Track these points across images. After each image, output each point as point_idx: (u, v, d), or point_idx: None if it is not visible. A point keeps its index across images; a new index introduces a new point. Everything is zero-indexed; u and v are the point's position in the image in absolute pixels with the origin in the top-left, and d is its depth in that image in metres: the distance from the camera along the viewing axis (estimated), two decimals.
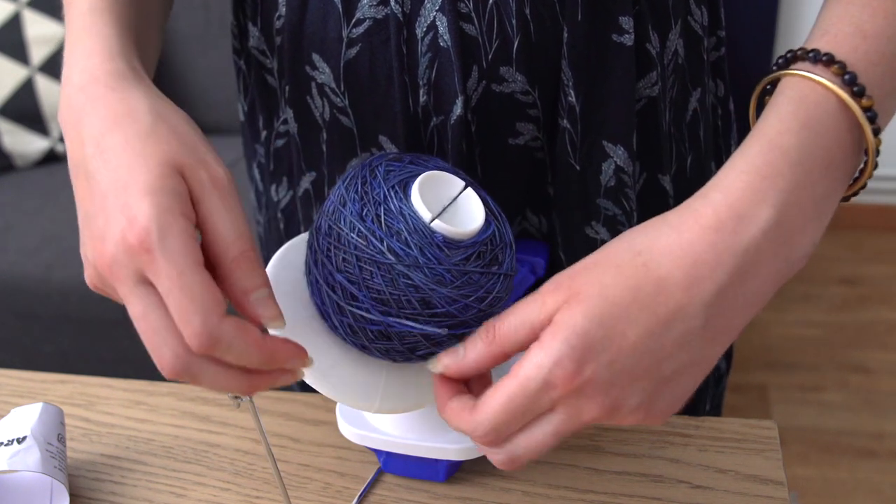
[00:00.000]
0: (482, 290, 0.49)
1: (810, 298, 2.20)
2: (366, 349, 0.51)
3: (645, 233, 0.43)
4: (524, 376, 0.43)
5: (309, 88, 0.62)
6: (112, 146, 0.45)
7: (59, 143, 1.93)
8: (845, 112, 0.44)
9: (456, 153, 0.60)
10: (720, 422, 0.62)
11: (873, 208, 2.45)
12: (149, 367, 0.67)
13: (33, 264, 1.61)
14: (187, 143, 0.46)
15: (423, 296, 0.47)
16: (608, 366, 0.42)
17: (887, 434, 1.78)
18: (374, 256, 0.47)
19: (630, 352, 0.42)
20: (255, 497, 0.60)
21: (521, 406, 0.43)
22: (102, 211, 0.44)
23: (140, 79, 0.49)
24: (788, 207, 0.43)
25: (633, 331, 0.41)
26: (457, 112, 0.58)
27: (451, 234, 0.48)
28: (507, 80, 0.58)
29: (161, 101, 0.48)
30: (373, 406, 0.52)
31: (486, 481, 0.59)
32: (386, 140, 0.61)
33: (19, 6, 1.87)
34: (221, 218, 0.44)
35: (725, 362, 0.81)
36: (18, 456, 0.56)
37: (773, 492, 0.56)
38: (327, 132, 0.63)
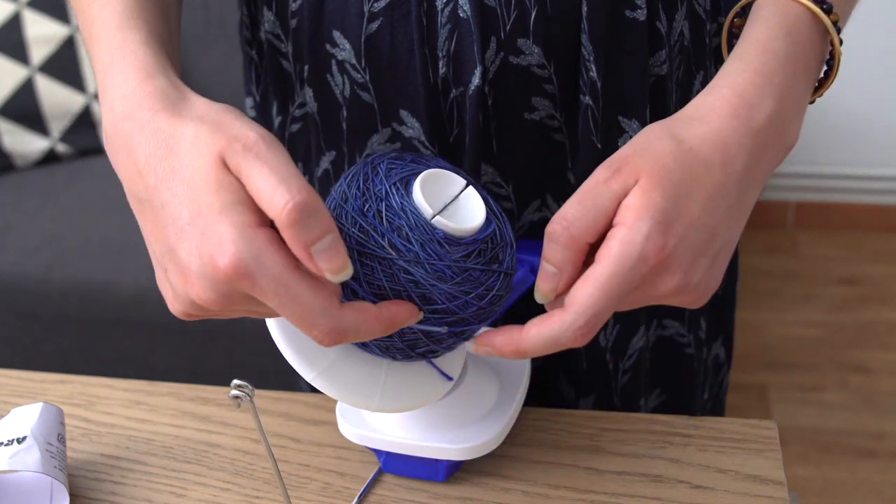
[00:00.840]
0: (482, 287, 0.49)
1: (810, 298, 2.20)
2: (366, 347, 0.51)
3: (677, 126, 0.48)
4: (619, 255, 0.45)
5: (329, 66, 0.62)
6: (170, 173, 0.45)
7: (58, 143, 1.93)
8: (818, 25, 0.51)
9: (473, 125, 0.61)
10: (720, 422, 0.62)
11: (873, 208, 2.45)
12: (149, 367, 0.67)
13: (33, 264, 1.61)
14: (220, 128, 0.45)
15: (423, 291, 0.47)
16: (683, 240, 0.46)
17: (887, 434, 1.78)
18: (374, 251, 0.47)
19: (696, 227, 0.46)
20: (255, 497, 0.60)
21: (621, 285, 0.45)
22: (182, 242, 0.44)
23: (178, 91, 0.49)
24: (784, 100, 0.49)
25: (695, 207, 0.46)
26: (475, 83, 0.59)
27: (452, 230, 0.48)
28: (524, 52, 0.59)
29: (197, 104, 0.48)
30: (372, 404, 0.52)
31: (486, 481, 0.59)
32: (407, 114, 0.62)
33: (19, 6, 1.87)
34: (257, 180, 0.43)
35: (725, 352, 0.81)
36: (18, 456, 0.56)
37: (773, 492, 0.56)
38: (347, 109, 0.63)
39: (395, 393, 0.52)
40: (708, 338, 0.79)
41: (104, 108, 0.51)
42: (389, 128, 0.63)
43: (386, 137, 0.64)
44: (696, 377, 0.77)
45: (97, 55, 0.53)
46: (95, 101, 1.91)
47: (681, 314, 0.74)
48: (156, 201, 0.46)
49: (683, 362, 0.76)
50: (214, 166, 0.44)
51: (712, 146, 0.47)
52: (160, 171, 0.46)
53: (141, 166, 0.47)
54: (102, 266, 1.57)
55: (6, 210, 1.77)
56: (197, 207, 0.44)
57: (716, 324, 0.79)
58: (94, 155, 1.96)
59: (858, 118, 2.35)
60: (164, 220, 0.46)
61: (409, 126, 0.62)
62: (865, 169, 2.41)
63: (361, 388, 0.52)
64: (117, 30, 0.52)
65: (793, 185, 2.46)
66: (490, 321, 0.52)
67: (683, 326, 0.74)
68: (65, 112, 1.91)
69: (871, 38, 2.24)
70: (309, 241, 0.42)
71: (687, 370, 0.76)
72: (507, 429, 0.59)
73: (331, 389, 0.51)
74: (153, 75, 0.49)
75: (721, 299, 0.78)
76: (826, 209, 2.47)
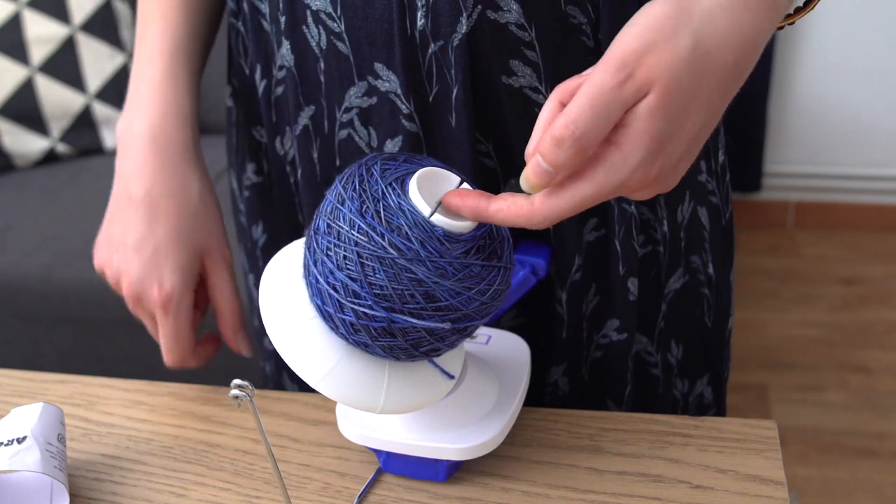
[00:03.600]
0: (484, 282, 0.49)
1: (810, 298, 2.20)
2: (368, 347, 0.51)
3: (699, 14, 0.45)
4: (602, 181, 0.45)
5: (304, 17, 0.61)
6: (164, 213, 0.64)
7: (58, 143, 1.93)
8: None
9: (460, 80, 0.59)
10: (720, 422, 0.62)
11: (873, 208, 2.45)
12: (149, 367, 0.67)
13: (33, 264, 1.61)
14: (213, 231, 0.67)
15: (426, 289, 0.47)
16: (671, 155, 0.46)
17: (887, 434, 1.78)
18: (375, 252, 0.47)
19: (686, 139, 0.46)
20: (255, 497, 0.60)
21: (594, 201, 0.46)
22: (139, 253, 0.64)
23: (197, 150, 0.67)
24: None
25: (693, 120, 0.45)
26: (462, 31, 0.57)
27: (451, 227, 0.48)
28: (502, 7, 0.57)
29: (206, 182, 0.67)
30: (377, 406, 0.52)
31: (486, 481, 0.59)
32: (382, 67, 0.60)
33: (19, 6, 1.87)
34: (224, 287, 0.68)
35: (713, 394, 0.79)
36: (18, 456, 0.56)
37: (773, 492, 0.56)
38: (324, 61, 0.62)
39: (399, 394, 0.52)
40: (686, 369, 0.76)
41: (132, 102, 0.67)
42: (365, 81, 0.61)
43: (363, 91, 0.62)
44: (665, 404, 0.74)
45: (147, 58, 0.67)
46: (95, 101, 1.92)
47: (649, 329, 0.72)
48: (141, 214, 0.64)
49: (648, 383, 0.74)
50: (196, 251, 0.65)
51: (730, 48, 0.45)
52: (159, 207, 0.64)
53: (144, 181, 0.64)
54: None
55: (6, 210, 1.77)
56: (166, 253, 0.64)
57: (701, 356, 0.76)
58: (94, 155, 1.96)
59: (858, 118, 2.35)
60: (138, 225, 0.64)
61: (385, 79, 0.61)
62: (865, 169, 2.41)
63: (366, 391, 0.51)
64: (171, 58, 0.67)
65: (793, 185, 2.46)
66: (490, 318, 0.52)
67: (651, 344, 0.72)
68: (65, 112, 1.91)
69: (871, 38, 2.24)
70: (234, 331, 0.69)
71: (651, 392, 0.74)
72: (507, 429, 0.59)
73: (335, 393, 0.51)
74: (186, 124, 0.66)
75: (708, 330, 0.75)
76: (826, 209, 2.47)
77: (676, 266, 0.71)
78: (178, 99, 0.66)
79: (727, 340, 0.77)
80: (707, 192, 0.71)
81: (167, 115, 0.66)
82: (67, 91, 1.90)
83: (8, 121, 1.88)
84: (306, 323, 0.51)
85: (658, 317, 0.72)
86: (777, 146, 2.42)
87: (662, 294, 0.71)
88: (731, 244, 0.76)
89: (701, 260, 0.72)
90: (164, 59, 0.67)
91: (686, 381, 0.76)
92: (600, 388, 0.72)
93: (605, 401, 0.72)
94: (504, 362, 0.63)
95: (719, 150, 0.72)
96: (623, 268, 0.66)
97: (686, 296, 0.72)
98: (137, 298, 0.65)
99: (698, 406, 0.78)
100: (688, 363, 0.76)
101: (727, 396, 0.81)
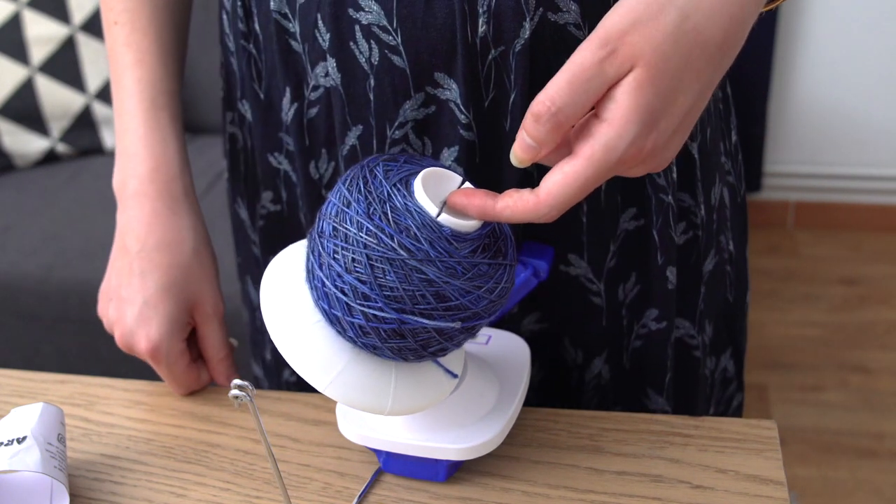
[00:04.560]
0: (492, 280, 0.49)
1: (810, 298, 2.20)
2: (377, 349, 0.51)
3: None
4: (600, 159, 0.44)
5: (353, 33, 0.60)
6: (156, 266, 0.66)
7: (59, 143, 1.93)
8: None
9: (519, 85, 0.58)
10: (720, 422, 0.62)
11: (873, 208, 2.45)
12: (148, 367, 0.67)
13: (33, 264, 1.61)
14: (205, 282, 0.68)
15: (437, 289, 0.48)
16: (664, 131, 0.45)
17: (887, 434, 1.78)
18: (385, 254, 0.47)
19: (678, 115, 0.46)
20: (255, 497, 0.60)
21: (594, 182, 0.45)
22: (131, 306, 0.66)
23: (191, 201, 0.69)
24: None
25: (684, 98, 0.45)
26: (524, 36, 0.57)
27: (459, 226, 0.48)
28: (562, 9, 0.57)
29: (200, 233, 0.69)
30: (384, 408, 0.52)
31: (486, 481, 0.59)
32: (443, 76, 0.60)
33: (19, 6, 1.87)
34: (213, 338, 0.69)
35: (735, 367, 0.80)
36: (18, 456, 0.56)
37: (773, 492, 0.56)
38: (375, 77, 0.61)
39: (405, 395, 0.52)
40: (715, 346, 0.77)
41: (121, 157, 0.68)
42: (423, 92, 0.61)
43: (420, 102, 0.61)
44: (700, 385, 0.76)
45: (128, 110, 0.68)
46: (95, 101, 1.92)
47: (691, 313, 0.73)
48: (136, 267, 0.66)
49: (692, 366, 0.74)
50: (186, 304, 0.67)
51: (717, 24, 0.45)
52: (152, 259, 0.66)
53: (139, 235, 0.67)
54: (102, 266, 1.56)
55: (6, 210, 1.77)
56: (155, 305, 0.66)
57: (725, 331, 0.77)
58: (94, 155, 1.96)
59: (858, 118, 2.35)
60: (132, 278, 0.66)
61: (446, 88, 0.60)
62: (865, 169, 2.41)
63: (373, 394, 0.51)
64: (150, 108, 0.68)
65: (793, 185, 2.46)
66: (496, 317, 0.52)
67: (694, 327, 0.73)
68: (65, 112, 1.91)
69: (870, 38, 2.24)
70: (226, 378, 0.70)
71: (693, 375, 0.75)
72: (507, 429, 0.59)
73: (343, 397, 0.51)
74: (176, 178, 0.68)
75: (730, 305, 0.77)
76: (826, 209, 2.47)
77: (710, 247, 0.72)
78: (165, 150, 0.68)
79: (745, 313, 0.79)
80: (725, 173, 0.73)
81: (157, 170, 0.67)
82: (67, 91, 1.90)
83: (8, 121, 1.88)
84: (311, 327, 0.51)
85: (699, 299, 0.72)
86: (777, 146, 2.42)
87: (701, 276, 0.72)
88: (746, 220, 0.77)
89: (725, 238, 0.73)
90: (145, 109, 0.68)
91: (714, 357, 0.78)
92: (640, 378, 0.73)
93: (646, 389, 0.73)
94: (504, 362, 0.63)
95: (732, 130, 0.74)
96: (662, 257, 0.67)
97: (716, 276, 0.73)
98: (129, 348, 0.67)
99: (722, 381, 0.79)
100: (715, 340, 0.77)
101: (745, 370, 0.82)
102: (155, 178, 0.67)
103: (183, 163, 0.69)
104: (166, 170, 0.67)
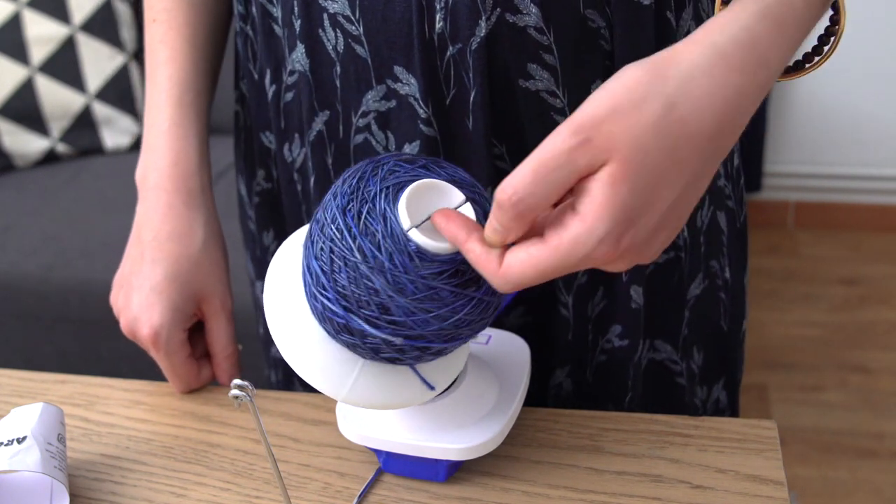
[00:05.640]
0: (447, 308, 0.48)
1: (810, 298, 2.20)
2: (335, 339, 0.51)
3: (670, 81, 0.42)
4: (566, 252, 0.42)
5: (321, 21, 0.61)
6: (166, 255, 0.67)
7: (59, 143, 1.93)
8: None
9: (478, 83, 0.58)
10: (720, 422, 0.62)
11: (873, 208, 2.45)
12: (149, 367, 0.68)
13: (33, 264, 1.61)
14: (214, 277, 0.69)
15: (381, 301, 0.47)
16: (643, 228, 0.42)
17: (887, 434, 1.78)
18: (342, 252, 0.47)
19: (659, 212, 0.42)
20: (255, 497, 0.60)
21: (556, 272, 0.43)
22: (139, 292, 0.67)
23: (206, 197, 0.70)
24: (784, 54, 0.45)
25: (668, 192, 0.42)
26: (480, 34, 0.57)
27: (427, 245, 0.47)
28: (521, 11, 0.57)
29: (213, 229, 0.70)
30: (340, 394, 0.52)
31: (486, 481, 0.59)
32: (402, 70, 0.60)
33: (19, 6, 1.87)
34: (221, 333, 0.70)
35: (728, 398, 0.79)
36: (18, 456, 0.56)
37: (773, 492, 0.56)
38: (341, 65, 0.62)
39: (367, 388, 0.52)
40: (706, 374, 0.75)
41: (145, 150, 0.70)
42: (384, 84, 0.61)
43: (381, 94, 0.62)
44: (686, 412, 0.74)
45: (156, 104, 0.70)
46: (95, 101, 1.92)
47: (673, 337, 0.72)
48: (147, 255, 0.67)
49: (674, 392, 0.73)
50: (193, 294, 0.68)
51: (708, 114, 0.42)
52: (163, 248, 0.67)
53: (154, 225, 0.68)
54: (102, 266, 1.57)
55: (6, 210, 1.77)
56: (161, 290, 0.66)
57: (717, 361, 0.76)
58: (94, 155, 1.96)
59: (858, 118, 2.35)
60: (142, 265, 0.67)
61: (405, 83, 0.60)
62: (865, 169, 2.41)
63: (333, 377, 0.52)
64: (177, 105, 0.69)
65: (793, 185, 2.46)
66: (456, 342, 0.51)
67: (676, 352, 0.72)
68: (65, 112, 1.91)
69: (871, 38, 2.24)
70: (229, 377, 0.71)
71: (677, 402, 0.73)
72: (507, 429, 0.59)
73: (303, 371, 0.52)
74: (194, 174, 0.69)
75: (724, 334, 0.75)
76: (826, 209, 2.47)
77: (697, 272, 0.70)
78: (186, 146, 0.69)
79: (741, 343, 0.77)
80: (724, 197, 0.71)
81: (177, 164, 0.68)
82: (67, 91, 1.90)
83: (8, 121, 1.88)
84: (298, 301, 0.52)
85: (682, 324, 0.71)
86: (777, 146, 2.42)
87: (685, 300, 0.71)
88: (746, 247, 0.75)
89: (719, 264, 0.72)
90: (172, 106, 0.69)
91: (705, 387, 0.76)
92: (604, 393, 0.72)
93: (608, 406, 0.72)
94: (504, 362, 0.63)
95: (734, 154, 0.72)
96: (626, 276, 0.66)
97: (706, 301, 0.72)
98: (132, 334, 0.68)
99: (714, 412, 0.78)
100: (706, 369, 0.75)
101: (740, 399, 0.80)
102: (173, 173, 0.68)
103: (202, 159, 0.70)
104: (185, 165, 0.69)
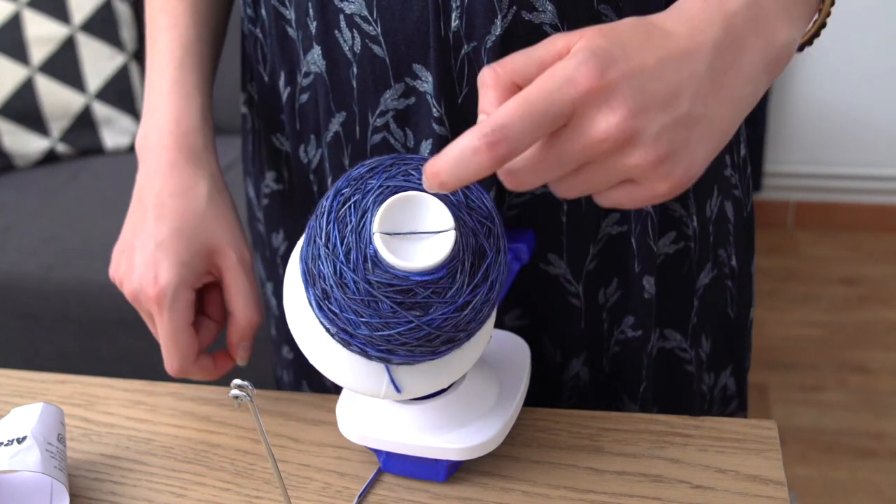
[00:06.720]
0: (381, 320, 0.47)
1: (810, 298, 2.20)
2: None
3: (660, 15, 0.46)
4: (546, 75, 0.42)
5: (337, 22, 0.61)
6: (170, 211, 0.63)
7: (59, 143, 1.93)
8: None
9: None
10: (720, 422, 0.62)
11: (873, 208, 2.45)
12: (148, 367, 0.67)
13: (33, 264, 1.61)
14: (225, 230, 0.64)
15: (324, 287, 0.48)
16: (630, 76, 0.42)
17: (887, 434, 1.78)
18: (312, 230, 0.49)
19: (650, 72, 0.43)
20: (255, 497, 0.60)
21: (541, 100, 0.42)
22: (142, 252, 0.63)
23: (209, 155, 0.67)
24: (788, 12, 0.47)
25: (651, 56, 0.43)
26: (496, 33, 0.57)
27: (383, 255, 0.47)
28: (537, 8, 0.58)
29: (218, 184, 0.66)
30: (379, 392, 0.52)
31: (486, 481, 0.59)
32: (420, 68, 0.60)
33: (19, 6, 1.87)
34: (239, 288, 0.64)
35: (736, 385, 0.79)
36: (18, 456, 0.56)
37: (773, 492, 0.57)
38: (358, 66, 0.62)
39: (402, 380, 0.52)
40: (713, 362, 0.76)
41: (146, 113, 0.67)
42: (403, 83, 0.62)
43: (399, 92, 0.62)
44: (694, 400, 0.75)
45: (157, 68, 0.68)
46: (95, 101, 1.92)
47: (683, 326, 0.72)
48: (149, 215, 0.63)
49: (684, 380, 0.74)
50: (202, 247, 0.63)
51: (675, 21, 0.45)
52: (165, 204, 0.63)
53: (155, 183, 0.64)
54: (102, 266, 1.57)
55: (6, 210, 1.77)
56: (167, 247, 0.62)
57: (725, 348, 0.76)
58: (94, 155, 1.96)
59: (858, 118, 2.35)
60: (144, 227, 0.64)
61: (423, 80, 0.61)
62: (865, 169, 2.41)
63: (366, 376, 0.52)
64: (178, 67, 0.67)
65: (793, 185, 2.46)
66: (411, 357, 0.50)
67: (686, 340, 0.73)
68: (65, 112, 1.91)
69: (871, 38, 2.24)
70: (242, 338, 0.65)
71: (686, 390, 0.74)
72: (507, 429, 0.59)
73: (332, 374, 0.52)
74: (196, 131, 0.66)
75: (731, 322, 0.76)
76: (826, 209, 2.47)
77: (706, 261, 0.71)
78: (188, 104, 0.67)
79: (749, 330, 0.78)
80: (731, 186, 0.72)
81: (178, 122, 0.66)
82: (67, 91, 1.90)
83: (8, 121, 1.88)
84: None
85: (691, 313, 0.72)
86: (777, 146, 2.42)
87: (694, 289, 0.71)
88: (752, 235, 0.77)
89: (726, 253, 0.73)
90: (174, 67, 0.68)
91: (712, 374, 0.77)
92: (619, 383, 0.72)
93: (622, 396, 0.72)
94: (504, 362, 0.63)
95: (741, 143, 0.73)
96: (639, 265, 0.66)
97: (714, 290, 0.73)
98: (136, 296, 0.63)
99: (722, 398, 0.78)
100: (714, 356, 0.76)
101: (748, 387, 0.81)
102: (175, 130, 0.66)
103: (204, 118, 0.68)
104: (187, 122, 0.66)
